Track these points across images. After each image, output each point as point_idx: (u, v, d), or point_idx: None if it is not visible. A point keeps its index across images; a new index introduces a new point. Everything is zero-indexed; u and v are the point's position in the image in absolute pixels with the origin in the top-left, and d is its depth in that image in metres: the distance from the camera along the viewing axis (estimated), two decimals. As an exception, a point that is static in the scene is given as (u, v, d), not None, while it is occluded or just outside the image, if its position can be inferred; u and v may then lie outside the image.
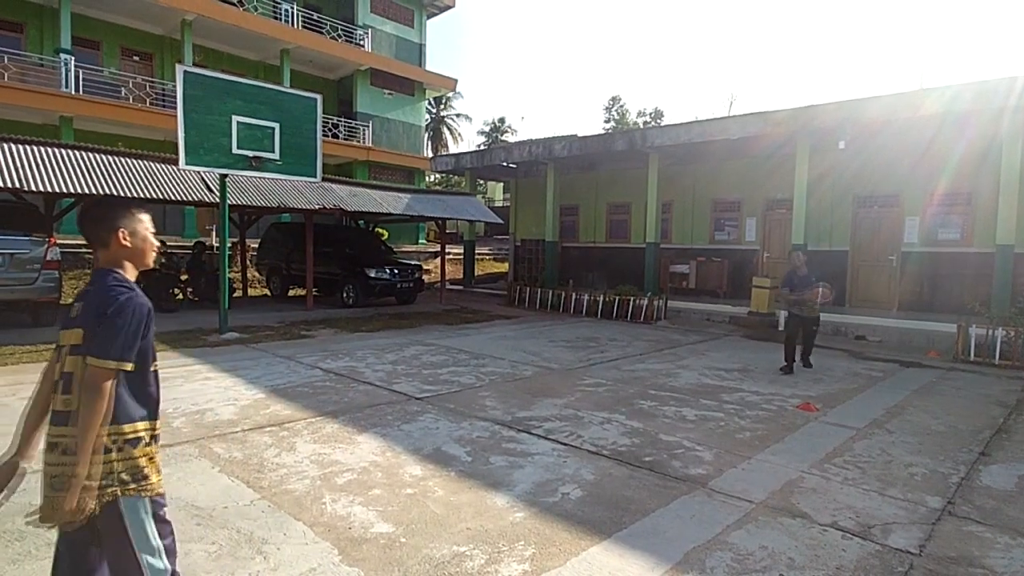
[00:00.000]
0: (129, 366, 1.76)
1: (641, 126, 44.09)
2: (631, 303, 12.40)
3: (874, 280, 12.74)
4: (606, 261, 17.31)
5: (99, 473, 1.73)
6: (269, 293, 15.46)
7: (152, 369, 1.89)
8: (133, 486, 1.79)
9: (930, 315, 10.97)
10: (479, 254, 23.03)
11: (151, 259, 1.99)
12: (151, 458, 1.86)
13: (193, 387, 5.85)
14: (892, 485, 3.85)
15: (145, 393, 1.86)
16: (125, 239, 1.87)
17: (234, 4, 20.97)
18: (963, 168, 11.32)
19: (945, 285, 11.80)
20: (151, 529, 1.83)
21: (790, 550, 2.96)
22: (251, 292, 15.63)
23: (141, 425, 1.83)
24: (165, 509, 1.91)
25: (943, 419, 5.47)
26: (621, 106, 50.67)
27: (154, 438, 1.88)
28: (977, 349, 8.49)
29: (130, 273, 1.91)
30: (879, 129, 11.38)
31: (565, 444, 4.48)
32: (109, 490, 1.76)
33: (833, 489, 3.75)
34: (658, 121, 47.26)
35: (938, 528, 3.26)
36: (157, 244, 2.01)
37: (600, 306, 12.88)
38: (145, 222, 1.94)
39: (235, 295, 14.12)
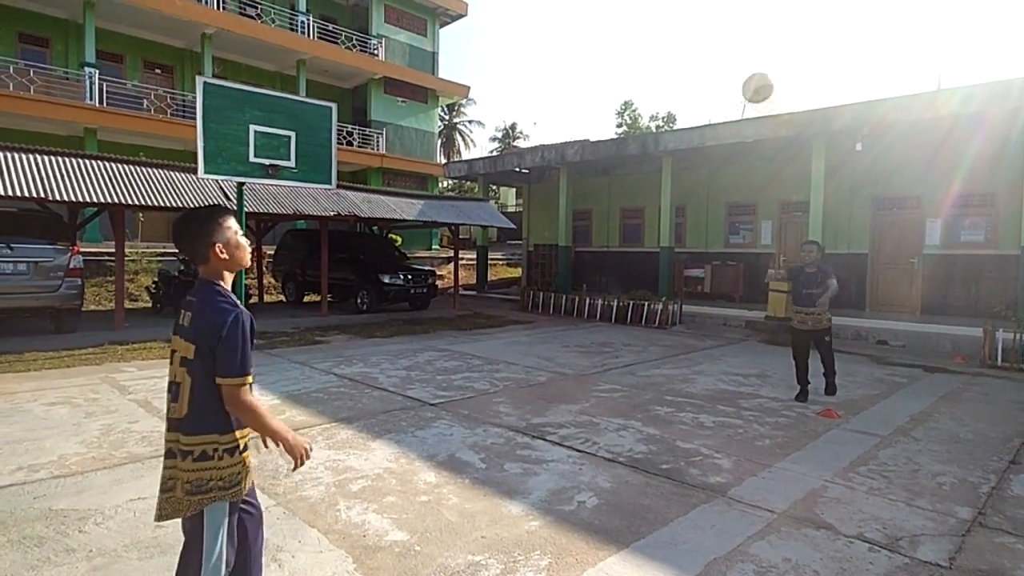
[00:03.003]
0: (250, 378, 1.89)
1: (653, 130, 43.90)
2: (645, 308, 12.30)
3: (895, 283, 12.51)
4: (620, 265, 17.21)
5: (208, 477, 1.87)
6: (285, 299, 15.59)
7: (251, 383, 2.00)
8: (226, 492, 1.91)
9: (954, 319, 10.73)
10: (492, 259, 23.05)
11: (247, 259, 2.07)
12: (245, 464, 1.98)
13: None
14: (920, 495, 3.74)
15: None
16: (222, 252, 1.96)
17: (252, 17, 21.32)
18: (985, 169, 11.09)
19: (969, 288, 11.54)
20: (223, 536, 1.93)
21: (815, 563, 2.88)
22: (267, 298, 15.78)
23: (239, 433, 1.95)
24: (246, 507, 2.05)
25: (971, 426, 5.32)
26: (633, 110, 50.43)
27: (246, 446, 2.01)
28: (1004, 354, 8.27)
29: (228, 281, 2.01)
30: (897, 130, 11.20)
31: (580, 451, 4.42)
32: (208, 496, 1.88)
33: (858, 499, 3.65)
34: (670, 125, 47.01)
35: (968, 540, 3.16)
36: (247, 244, 2.08)
37: (614, 311, 12.79)
38: (234, 227, 2.02)
39: (251, 301, 14.28)
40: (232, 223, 2.01)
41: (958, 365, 8.41)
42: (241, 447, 1.95)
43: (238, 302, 1.95)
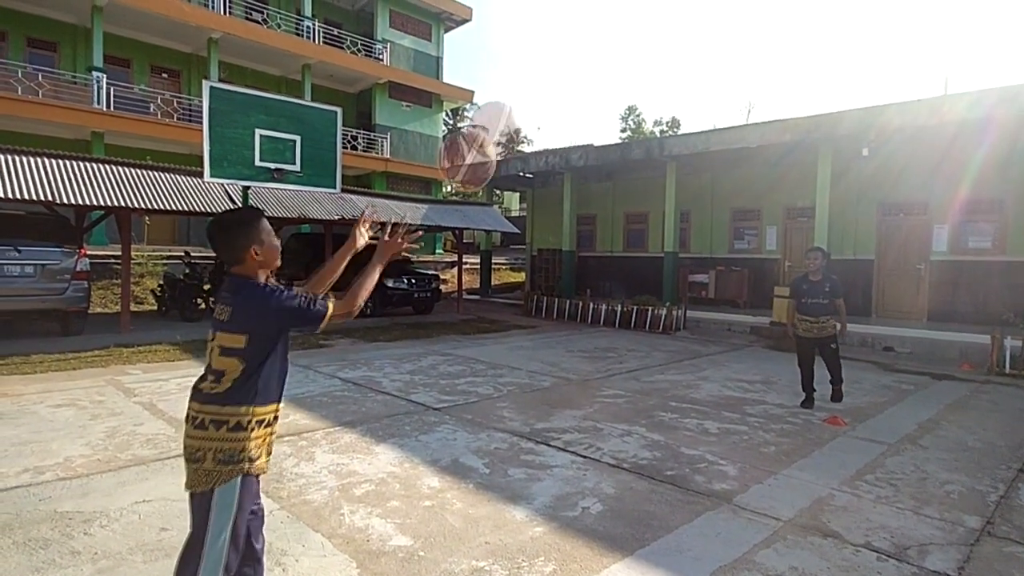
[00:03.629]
0: (330, 308, 2.00)
1: (658, 135, 43.93)
2: (649, 313, 12.27)
3: (901, 289, 12.45)
4: (624, 270, 17.19)
5: None
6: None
7: (287, 363, 2.10)
8: (252, 463, 1.98)
9: (961, 326, 10.66)
10: (496, 264, 23.05)
11: (278, 260, 2.12)
12: (269, 441, 2.07)
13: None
14: (927, 503, 3.71)
15: (282, 376, 2.08)
16: (256, 254, 2.02)
17: (258, 22, 21.47)
18: (993, 174, 11.04)
19: (976, 295, 11.47)
20: (230, 516, 1.96)
21: (822, 572, 2.86)
22: (272, 302, 15.80)
23: (271, 407, 2.03)
24: (256, 505, 2.12)
25: (979, 434, 5.28)
26: (638, 115, 50.67)
27: (276, 419, 2.08)
28: (1013, 361, 8.21)
29: (262, 277, 2.07)
30: (903, 135, 11.16)
31: (584, 456, 4.41)
32: (238, 466, 1.95)
33: (865, 507, 3.62)
34: (675, 130, 47.09)
35: (977, 549, 3.13)
36: (278, 245, 2.12)
37: (618, 316, 12.77)
38: (267, 229, 2.07)
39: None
40: (266, 225, 2.07)
41: (965, 372, 8.36)
42: (268, 420, 2.02)
43: (275, 285, 2.03)
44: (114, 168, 9.79)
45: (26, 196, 8.27)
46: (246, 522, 2.03)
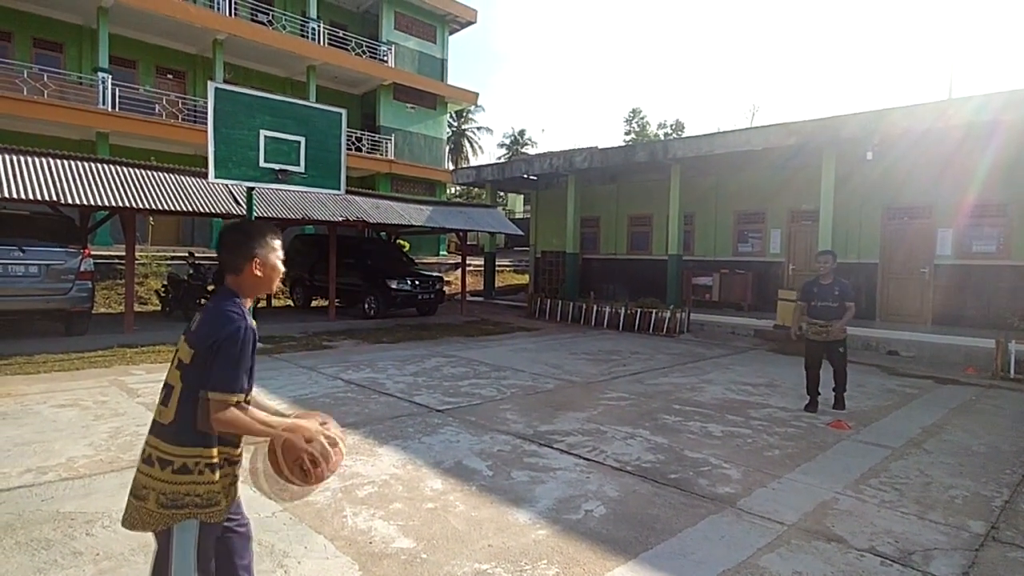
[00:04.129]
0: (239, 397, 1.78)
1: (662, 138, 43.92)
2: (653, 316, 12.25)
3: (906, 293, 12.40)
4: (627, 273, 17.17)
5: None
6: (292, 304, 15.65)
7: (247, 399, 1.88)
8: (202, 510, 1.80)
9: (966, 330, 10.62)
10: (500, 266, 23.05)
11: (276, 286, 2.03)
12: (230, 484, 1.89)
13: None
14: (932, 508, 3.69)
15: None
16: (257, 269, 1.92)
17: (263, 23, 21.54)
18: (998, 178, 11.00)
19: (981, 299, 11.42)
20: (192, 556, 1.82)
21: None
22: (275, 303, 15.84)
23: (226, 450, 1.86)
24: (236, 522, 1.97)
25: (984, 439, 5.25)
26: (642, 118, 50.62)
27: (231, 463, 1.89)
28: (1017, 366, 8.17)
29: (249, 301, 1.96)
30: (908, 139, 11.13)
31: (588, 459, 4.39)
32: (182, 511, 1.78)
33: (869, 512, 3.60)
34: (679, 133, 47.04)
35: (982, 554, 3.11)
36: (281, 269, 2.02)
37: (622, 318, 12.75)
38: (278, 250, 1.97)
39: (259, 305, 14.34)
40: (277, 245, 1.98)
41: (970, 377, 8.32)
42: (223, 463, 1.84)
43: (247, 315, 1.87)
44: (119, 168, 9.81)
45: (31, 196, 8.30)
46: (211, 554, 1.87)
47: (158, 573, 1.85)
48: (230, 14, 20.49)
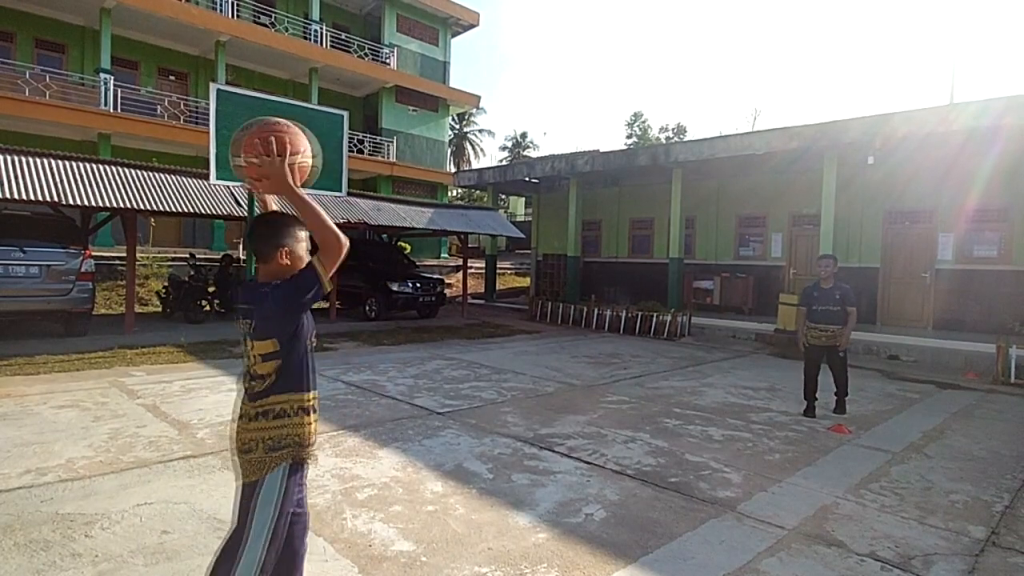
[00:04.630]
0: (327, 284, 2.03)
1: (663, 141, 43.94)
2: (654, 319, 12.25)
3: (906, 298, 12.40)
4: (629, 276, 17.17)
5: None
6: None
7: (309, 343, 2.18)
8: (301, 448, 2.09)
9: (966, 334, 10.61)
10: (501, 268, 23.06)
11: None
12: (315, 426, 2.18)
13: (218, 398, 5.91)
14: (932, 513, 3.68)
15: (313, 364, 2.19)
16: (285, 258, 2.08)
17: (266, 25, 21.59)
18: (999, 183, 11.00)
19: (982, 304, 11.41)
20: (278, 495, 2.05)
21: (825, 580, 2.83)
22: (276, 305, 15.82)
23: (311, 395, 2.15)
24: (300, 511, 2.22)
25: (984, 444, 5.24)
26: (643, 122, 50.67)
27: (315, 409, 2.19)
28: (1018, 371, 8.16)
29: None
30: (909, 144, 11.14)
31: (588, 463, 4.39)
32: (285, 451, 2.05)
33: (869, 516, 3.60)
34: (680, 136, 47.08)
35: (982, 560, 3.10)
36: (306, 259, 2.15)
37: (623, 322, 12.75)
38: (304, 241, 2.13)
39: (261, 307, 14.31)
40: (305, 237, 2.13)
41: (971, 381, 8.31)
42: (310, 407, 2.13)
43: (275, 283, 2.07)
44: (120, 169, 9.83)
45: (32, 197, 8.31)
46: (288, 522, 2.10)
47: (243, 511, 2.04)
48: (232, 16, 20.56)
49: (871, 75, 71.79)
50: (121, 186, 9.42)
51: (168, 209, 9.67)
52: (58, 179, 8.86)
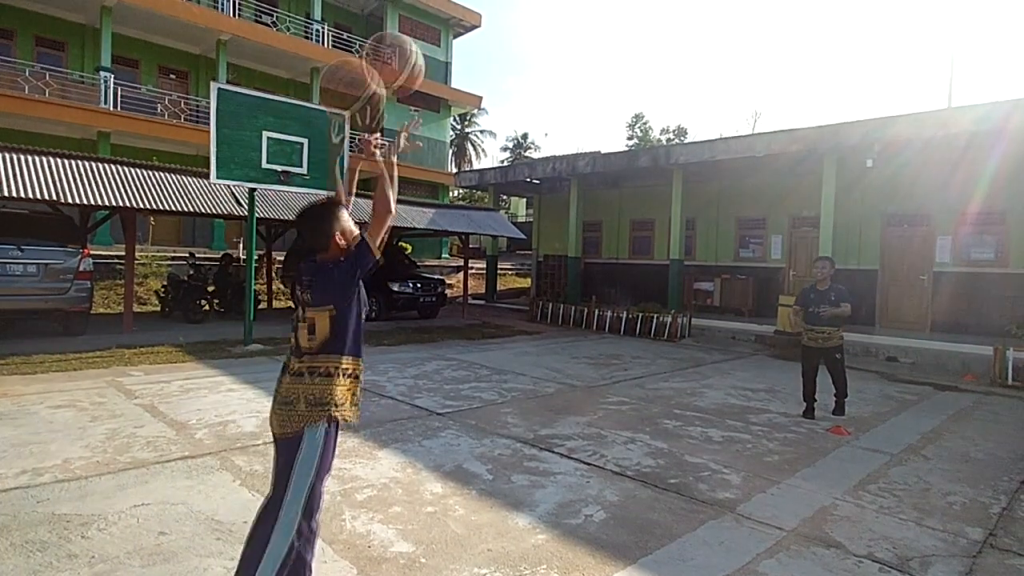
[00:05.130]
0: (378, 254, 2.25)
1: (664, 143, 43.97)
2: (655, 320, 12.25)
3: (905, 300, 12.41)
4: (629, 277, 17.17)
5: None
6: (294, 306, 15.61)
7: (363, 318, 2.35)
8: (339, 408, 2.20)
9: (965, 337, 10.62)
10: (502, 269, 23.06)
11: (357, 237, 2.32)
12: (357, 391, 2.32)
13: (216, 398, 5.90)
14: (930, 515, 3.68)
15: (361, 331, 2.33)
16: (340, 239, 2.25)
17: (268, 25, 21.59)
18: (997, 187, 11.02)
19: (980, 306, 11.43)
20: (318, 453, 2.17)
21: (824, 582, 2.83)
22: (276, 304, 15.83)
23: (356, 360, 2.29)
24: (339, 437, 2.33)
25: (982, 446, 5.24)
26: (644, 123, 50.73)
27: (359, 376, 2.33)
28: (1016, 373, 8.17)
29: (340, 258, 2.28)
30: (908, 147, 11.15)
31: (588, 464, 4.38)
32: (325, 408, 2.17)
33: (868, 518, 3.60)
34: (681, 138, 47.12)
35: (979, 561, 3.10)
36: (356, 228, 2.33)
37: (623, 323, 12.75)
38: (346, 216, 2.30)
39: (260, 307, 14.31)
40: (345, 214, 2.29)
41: (968, 384, 8.31)
42: (353, 372, 2.26)
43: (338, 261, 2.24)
44: (119, 168, 9.81)
45: (31, 195, 8.29)
46: (324, 485, 2.21)
47: (283, 471, 2.15)
48: (234, 15, 20.55)
49: (871, 77, 71.89)
50: (120, 185, 9.41)
51: (168, 208, 9.66)
52: (57, 177, 8.84)
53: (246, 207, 9.44)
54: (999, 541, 3.34)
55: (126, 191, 9.34)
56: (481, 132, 47.32)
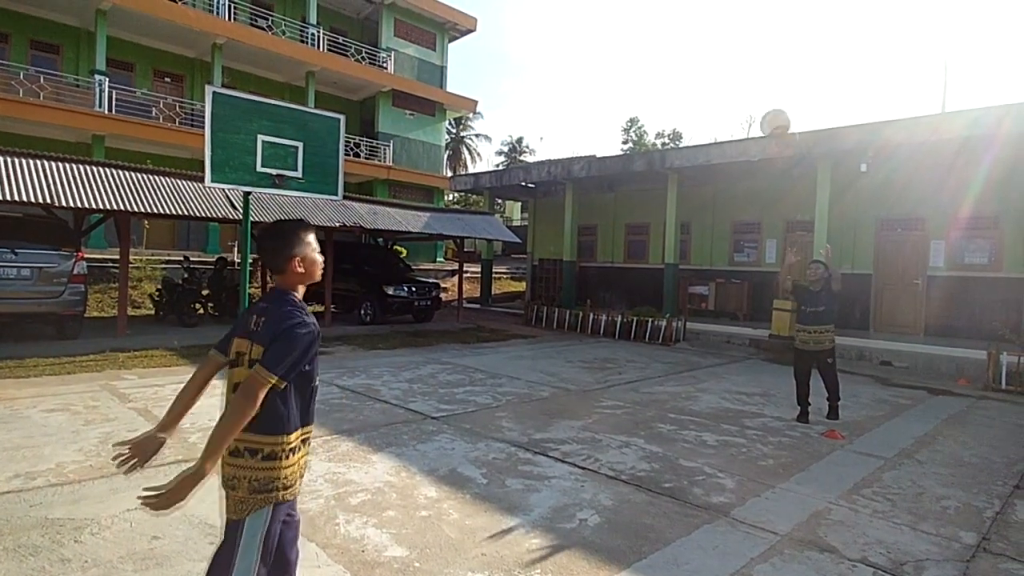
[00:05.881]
0: (283, 385, 1.90)
1: (659, 147, 44.14)
2: (649, 324, 12.27)
3: (899, 304, 12.46)
4: (624, 281, 17.20)
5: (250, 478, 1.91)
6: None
7: (314, 385, 2.07)
8: (286, 491, 1.96)
9: (958, 341, 10.67)
10: (497, 273, 23.05)
11: (319, 275, 2.13)
12: (301, 465, 2.06)
13: (211, 402, 5.82)
14: (924, 519, 3.69)
15: (307, 408, 2.07)
16: (299, 266, 2.04)
17: (263, 28, 21.59)
18: (990, 191, 11.09)
19: (973, 310, 11.49)
20: (260, 538, 1.95)
21: (818, 586, 2.84)
22: (270, 308, 15.77)
23: (301, 432, 2.04)
24: (291, 516, 2.10)
25: (976, 450, 5.27)
26: (639, 127, 50.88)
27: (304, 443, 2.08)
28: (1009, 377, 8.21)
29: (300, 292, 2.09)
30: (902, 151, 11.23)
31: (583, 468, 4.39)
32: (271, 495, 1.93)
33: (862, 522, 3.61)
34: (676, 142, 47.29)
35: (973, 566, 3.11)
36: (322, 261, 2.14)
37: (618, 327, 12.76)
38: (313, 243, 2.08)
39: (255, 311, 14.25)
40: (312, 239, 2.09)
41: (962, 388, 8.35)
42: (300, 446, 2.02)
43: (310, 315, 2.01)
44: (114, 171, 9.78)
45: (25, 198, 8.25)
46: (276, 539, 2.02)
47: (224, 553, 1.95)
48: (229, 18, 20.55)
49: (866, 83, 72.40)
50: (115, 188, 9.38)
51: (162, 212, 9.63)
52: (51, 180, 8.81)
53: (241, 211, 9.42)
54: (993, 545, 3.36)
55: (121, 195, 9.31)
56: (476, 136, 47.39)
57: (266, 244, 2.08)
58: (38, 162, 9.04)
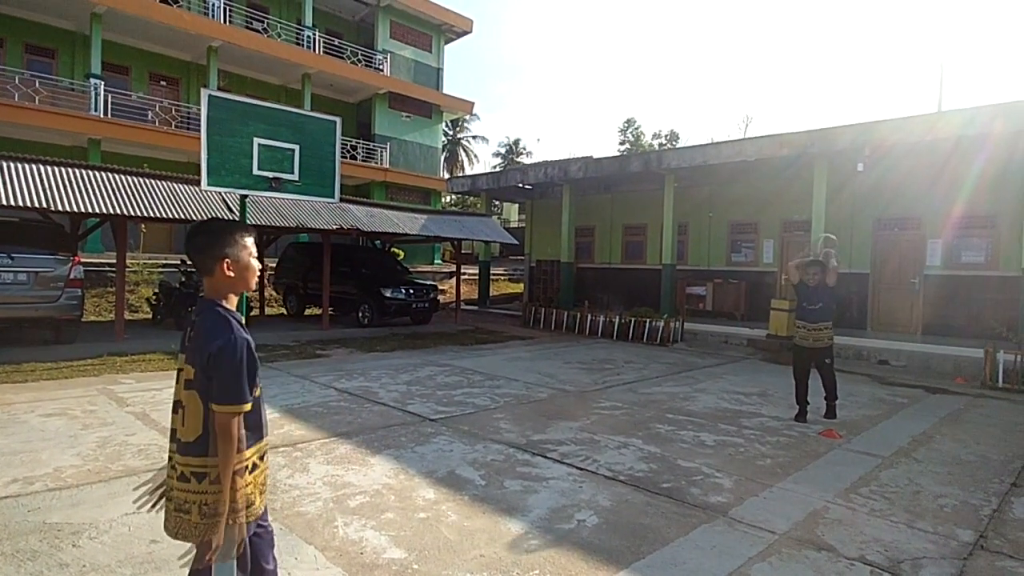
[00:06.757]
0: (248, 406, 1.80)
1: (656, 148, 44.20)
2: (647, 325, 12.28)
3: (896, 303, 12.50)
4: (622, 282, 17.22)
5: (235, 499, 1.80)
6: (286, 312, 15.58)
7: (256, 395, 1.90)
8: (242, 513, 1.82)
9: (955, 340, 10.70)
10: (494, 275, 23.06)
11: (253, 283, 1.98)
12: (260, 481, 1.92)
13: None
14: (921, 517, 3.71)
15: (256, 422, 1.90)
16: (229, 269, 1.86)
17: (259, 31, 21.58)
18: (986, 190, 11.14)
19: (970, 309, 11.53)
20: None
21: (816, 585, 2.85)
22: (268, 311, 15.77)
23: (253, 450, 1.88)
24: (263, 527, 2.00)
25: (973, 448, 5.29)
26: (636, 128, 50.93)
27: (262, 458, 1.93)
28: (1006, 375, 8.24)
29: (232, 301, 1.92)
30: (898, 151, 11.26)
31: (581, 469, 4.39)
32: (218, 519, 1.80)
33: (859, 520, 3.62)
34: (673, 143, 47.36)
35: (970, 563, 3.12)
36: (258, 268, 1.99)
37: (616, 327, 12.77)
38: (249, 247, 1.92)
39: (252, 314, 14.27)
40: (249, 243, 1.92)
41: (959, 386, 8.38)
42: (251, 465, 1.86)
43: (238, 324, 1.85)
44: (110, 175, 9.77)
45: (21, 203, 8.24)
46: (249, 550, 1.93)
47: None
48: (225, 21, 20.54)
49: (861, 81, 72.62)
50: (111, 192, 9.37)
51: (159, 215, 9.62)
52: (47, 185, 8.80)
53: (237, 214, 9.42)
54: (990, 543, 3.37)
55: (117, 198, 9.30)
56: (473, 138, 47.44)
57: (195, 241, 1.88)
58: (34, 166, 9.02)
